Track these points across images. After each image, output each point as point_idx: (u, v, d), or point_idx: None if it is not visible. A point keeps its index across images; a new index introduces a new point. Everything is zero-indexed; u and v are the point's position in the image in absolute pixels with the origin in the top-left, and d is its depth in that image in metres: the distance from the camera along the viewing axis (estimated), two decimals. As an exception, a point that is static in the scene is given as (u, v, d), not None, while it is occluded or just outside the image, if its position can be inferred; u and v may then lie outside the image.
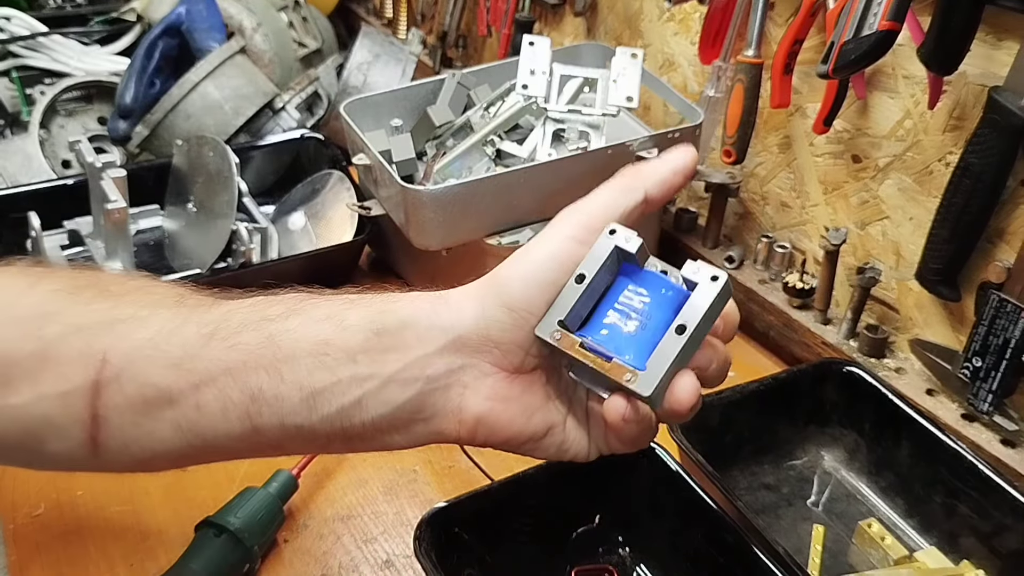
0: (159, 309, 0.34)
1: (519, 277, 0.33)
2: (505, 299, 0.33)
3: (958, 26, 0.51)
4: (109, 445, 0.33)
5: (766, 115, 0.71)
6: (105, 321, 0.33)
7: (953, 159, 0.57)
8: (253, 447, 0.34)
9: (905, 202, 0.62)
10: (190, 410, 0.33)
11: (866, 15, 0.54)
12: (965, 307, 0.59)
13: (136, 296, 0.35)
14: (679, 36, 0.79)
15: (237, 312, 0.34)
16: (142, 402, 0.33)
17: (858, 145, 0.65)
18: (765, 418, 0.58)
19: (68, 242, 0.79)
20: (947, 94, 0.57)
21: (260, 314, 0.34)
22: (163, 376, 0.33)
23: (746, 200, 0.76)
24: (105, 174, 0.74)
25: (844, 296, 0.68)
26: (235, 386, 0.33)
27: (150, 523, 0.54)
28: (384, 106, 0.74)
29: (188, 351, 0.33)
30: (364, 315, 0.34)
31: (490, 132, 0.68)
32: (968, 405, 0.58)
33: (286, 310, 0.34)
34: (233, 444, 0.34)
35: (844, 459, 0.59)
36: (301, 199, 0.84)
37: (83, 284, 0.35)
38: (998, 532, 0.50)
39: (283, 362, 0.33)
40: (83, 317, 0.33)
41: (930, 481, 0.54)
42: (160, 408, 0.33)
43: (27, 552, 0.52)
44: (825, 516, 0.56)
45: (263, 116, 0.93)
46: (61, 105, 0.97)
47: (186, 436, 0.33)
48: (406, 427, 0.34)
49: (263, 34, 1.00)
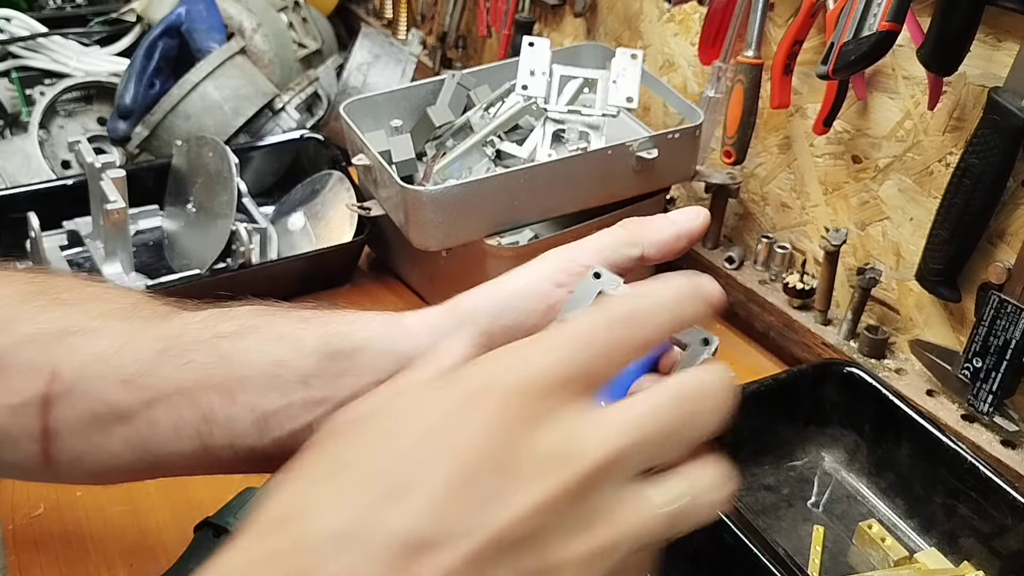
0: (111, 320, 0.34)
1: (485, 311, 0.32)
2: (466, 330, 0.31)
3: (958, 27, 0.51)
4: (61, 458, 0.33)
5: (766, 116, 0.71)
6: (56, 332, 0.33)
7: (953, 160, 0.57)
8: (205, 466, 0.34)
9: (905, 203, 0.62)
10: (142, 427, 0.33)
11: (866, 16, 0.54)
12: (965, 308, 0.59)
13: (89, 306, 0.34)
14: (679, 37, 0.79)
15: (190, 327, 0.34)
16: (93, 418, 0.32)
17: (858, 146, 0.65)
18: (765, 419, 0.58)
19: (67, 242, 0.79)
20: (947, 95, 0.57)
21: (213, 331, 0.33)
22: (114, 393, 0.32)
23: (746, 201, 0.76)
24: (104, 174, 0.74)
25: (844, 297, 0.68)
26: (187, 405, 0.32)
27: (150, 524, 0.54)
28: (384, 106, 0.74)
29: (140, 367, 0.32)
30: (318, 336, 0.33)
31: (490, 133, 0.68)
32: (968, 406, 0.58)
33: (239, 327, 0.34)
34: (185, 462, 0.33)
35: (844, 460, 0.59)
36: (301, 200, 0.84)
37: (34, 291, 0.34)
38: (998, 533, 0.50)
39: (236, 383, 0.32)
40: (34, 326, 0.33)
41: (930, 482, 0.54)
42: (111, 424, 0.32)
43: (26, 553, 0.52)
44: (825, 517, 0.56)
45: (263, 116, 0.93)
46: (61, 106, 0.97)
47: (137, 452, 0.33)
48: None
49: (263, 35, 1.00)
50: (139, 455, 0.33)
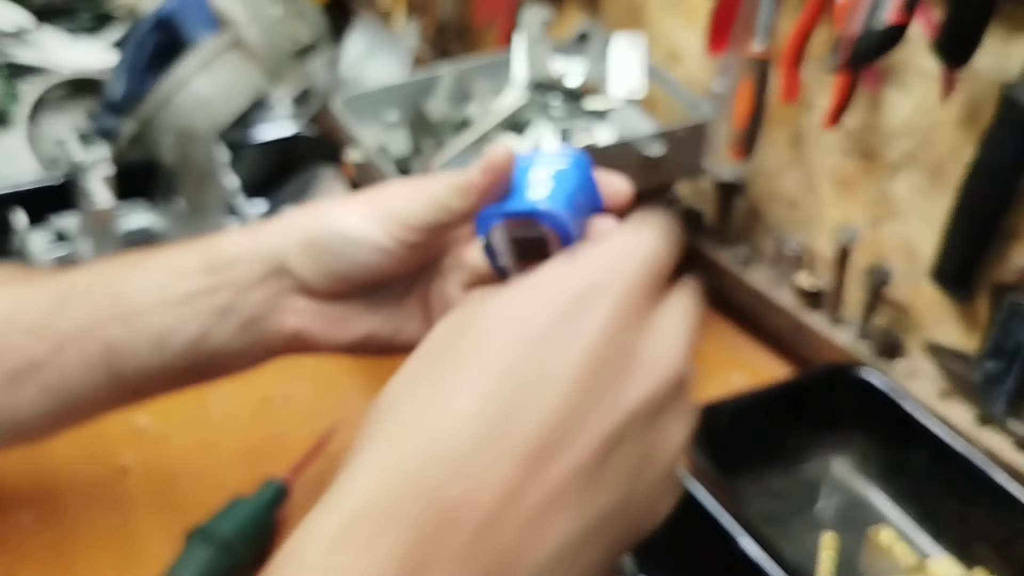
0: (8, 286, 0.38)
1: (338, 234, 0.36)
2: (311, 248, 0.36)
3: (971, 19, 0.50)
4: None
5: (775, 110, 0.70)
6: None
7: (967, 156, 0.56)
8: (118, 396, 0.38)
9: (918, 200, 0.61)
10: (54, 372, 0.36)
11: (877, 8, 0.53)
12: (979, 309, 0.58)
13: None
14: (685, 28, 0.77)
15: (84, 276, 0.39)
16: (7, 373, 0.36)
17: (869, 141, 0.64)
18: (774, 423, 0.57)
19: (54, 239, 0.78)
20: (960, 90, 0.56)
21: (104, 275, 0.38)
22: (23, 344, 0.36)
23: (754, 198, 0.75)
24: (92, 171, 0.73)
25: (855, 297, 0.67)
26: (92, 341, 0.36)
27: (137, 531, 0.53)
28: (380, 101, 0.73)
29: (43, 318, 0.37)
30: (196, 258, 0.38)
31: (489, 128, 0.67)
32: (982, 409, 0.57)
33: (125, 269, 0.38)
34: (100, 396, 0.38)
35: (855, 465, 0.58)
36: (293, 196, 0.83)
37: None
38: (1013, 540, 0.49)
39: (132, 312, 0.37)
40: None
41: (943, 487, 0.53)
42: (25, 375, 0.36)
43: (13, 560, 0.51)
44: (835, 523, 0.55)
45: (255, 111, 0.92)
46: (49, 100, 0.95)
47: (55, 397, 0.37)
48: (245, 350, 0.38)
49: (256, 28, 0.98)
50: (56, 400, 0.37)
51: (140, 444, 0.59)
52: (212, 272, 0.37)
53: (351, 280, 0.37)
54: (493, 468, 0.23)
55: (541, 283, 0.27)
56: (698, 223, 0.78)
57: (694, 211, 0.78)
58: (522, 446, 0.23)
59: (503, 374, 0.24)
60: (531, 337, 0.25)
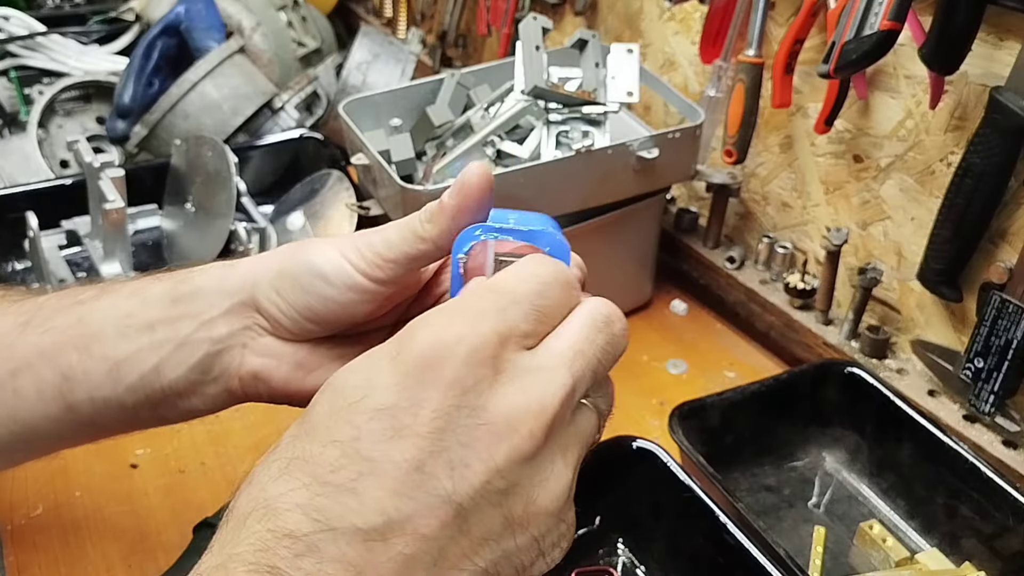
0: None
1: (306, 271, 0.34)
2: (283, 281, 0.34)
3: (959, 26, 0.51)
4: None
5: (767, 115, 0.71)
6: None
7: (955, 159, 0.57)
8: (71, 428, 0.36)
9: (907, 202, 0.62)
10: (8, 397, 0.35)
11: (867, 15, 0.54)
12: (967, 308, 0.59)
13: None
14: (680, 35, 0.78)
15: (51, 299, 0.37)
16: None
17: (859, 145, 0.65)
18: (766, 419, 0.58)
19: (66, 242, 0.79)
20: (948, 94, 0.57)
21: (72, 298, 0.36)
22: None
23: (747, 200, 0.76)
24: (103, 174, 0.74)
25: (845, 297, 0.68)
26: (48, 367, 0.35)
27: (148, 524, 0.54)
28: (383, 106, 0.74)
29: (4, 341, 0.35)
30: (165, 287, 0.36)
31: (490, 132, 0.68)
32: (970, 406, 0.58)
33: (97, 292, 0.37)
34: (51, 427, 0.36)
35: (845, 460, 0.59)
36: (300, 199, 0.84)
37: None
38: (1000, 534, 0.50)
39: (91, 338, 0.35)
40: None
41: (932, 482, 0.54)
42: None
43: (25, 553, 0.52)
44: (826, 517, 0.56)
45: (262, 116, 0.93)
46: (59, 105, 0.96)
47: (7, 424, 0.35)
48: (199, 389, 0.36)
49: (262, 33, 0.99)
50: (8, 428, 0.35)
51: (149, 438, 0.60)
52: (176, 302, 0.35)
53: (320, 318, 0.34)
54: (335, 547, 0.23)
55: (391, 348, 0.26)
56: (692, 225, 0.79)
57: (688, 213, 0.79)
58: (353, 535, 0.23)
59: (328, 466, 0.24)
60: (372, 408, 0.25)
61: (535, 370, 0.26)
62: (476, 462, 0.24)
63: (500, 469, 0.25)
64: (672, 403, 0.55)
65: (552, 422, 0.25)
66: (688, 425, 0.53)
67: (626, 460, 0.50)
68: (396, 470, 0.24)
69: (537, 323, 0.27)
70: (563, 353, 0.27)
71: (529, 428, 0.25)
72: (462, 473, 0.24)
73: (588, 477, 0.50)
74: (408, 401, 0.25)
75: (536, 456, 0.25)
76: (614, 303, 0.30)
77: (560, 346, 0.27)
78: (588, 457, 0.29)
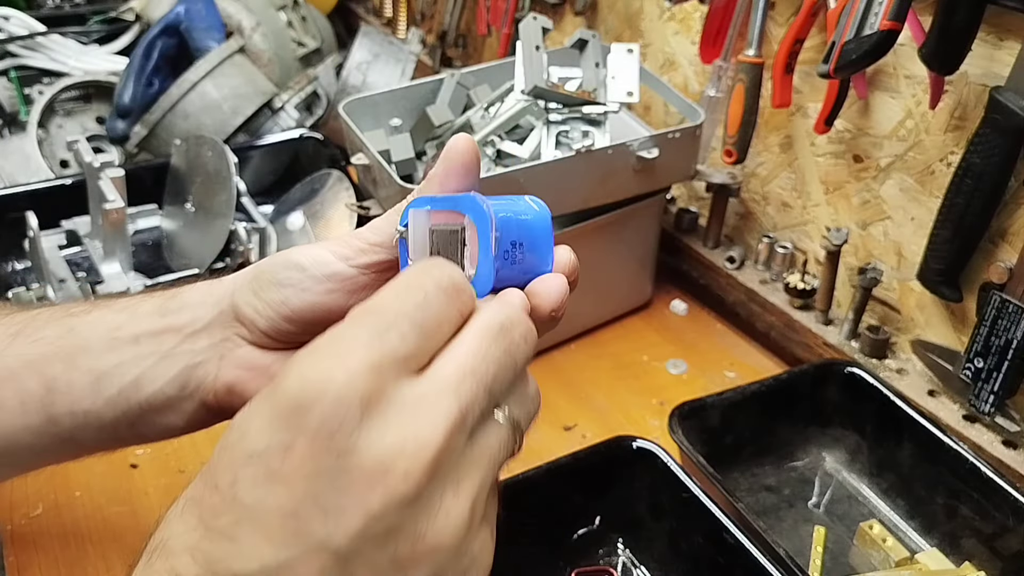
0: None
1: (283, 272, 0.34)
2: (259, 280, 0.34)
3: (959, 26, 0.51)
4: None
5: (767, 115, 0.71)
6: None
7: (955, 159, 0.57)
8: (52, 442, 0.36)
9: (907, 202, 0.62)
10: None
11: (867, 15, 0.54)
12: (967, 308, 0.59)
13: None
14: (680, 35, 0.78)
15: (45, 312, 0.37)
16: None
17: (859, 145, 0.65)
18: (766, 419, 0.58)
19: (66, 242, 0.79)
20: (948, 94, 0.57)
21: (65, 311, 0.37)
22: None
23: (747, 200, 0.76)
24: (103, 174, 0.74)
25: (845, 297, 0.68)
26: (33, 378, 0.35)
27: (148, 524, 0.53)
28: (383, 106, 0.74)
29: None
30: (156, 303, 0.36)
31: (490, 132, 0.68)
32: (970, 406, 0.58)
33: (90, 306, 0.37)
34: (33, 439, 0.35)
35: (845, 460, 0.59)
36: (300, 199, 0.84)
37: None
38: (1000, 534, 0.50)
39: (78, 349, 0.35)
40: None
41: (932, 482, 0.54)
42: None
43: (25, 553, 0.52)
44: (826, 517, 0.56)
45: (262, 116, 0.93)
46: (59, 105, 0.96)
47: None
48: (177, 405, 0.36)
49: (262, 33, 0.99)
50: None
51: (149, 439, 0.60)
52: (163, 315, 0.36)
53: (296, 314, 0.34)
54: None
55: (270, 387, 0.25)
56: (692, 225, 0.79)
57: (688, 213, 0.79)
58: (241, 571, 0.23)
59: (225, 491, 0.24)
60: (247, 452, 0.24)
61: (415, 402, 0.24)
62: (351, 507, 0.23)
63: (376, 514, 0.23)
64: (672, 403, 0.55)
65: (436, 457, 0.24)
66: (688, 425, 0.53)
67: (626, 460, 0.50)
68: (271, 517, 0.23)
69: (421, 340, 0.25)
70: (448, 378, 0.25)
71: (404, 469, 0.23)
72: (337, 520, 0.23)
73: (588, 477, 0.51)
74: (279, 446, 0.23)
75: (418, 496, 0.24)
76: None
77: (446, 370, 0.25)
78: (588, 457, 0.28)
